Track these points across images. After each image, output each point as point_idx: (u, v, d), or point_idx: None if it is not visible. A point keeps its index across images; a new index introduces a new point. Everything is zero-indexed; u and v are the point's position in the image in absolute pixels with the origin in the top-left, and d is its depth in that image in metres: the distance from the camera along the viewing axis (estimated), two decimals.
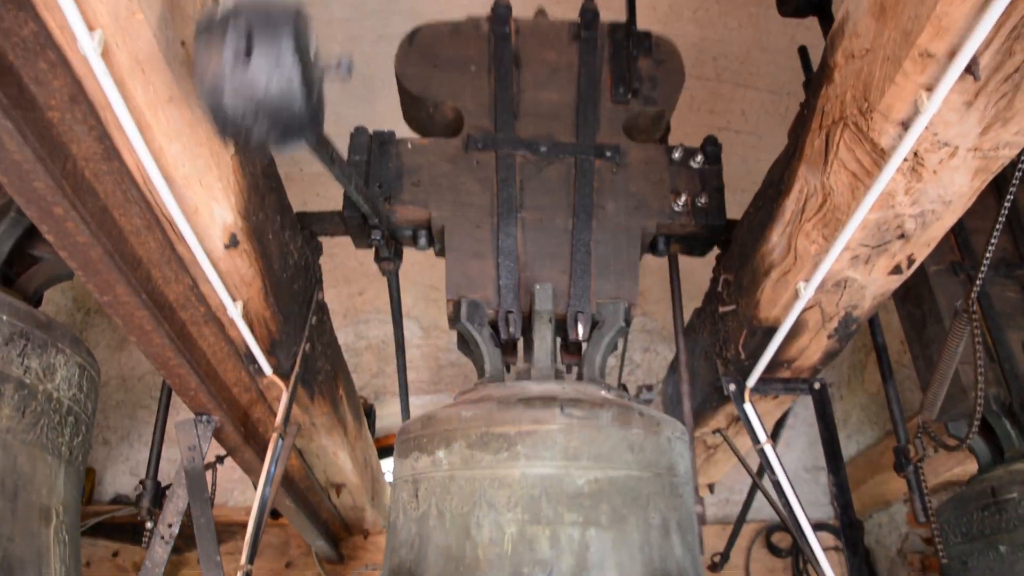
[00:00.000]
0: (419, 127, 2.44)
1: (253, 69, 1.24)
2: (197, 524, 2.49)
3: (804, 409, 4.73)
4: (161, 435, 3.17)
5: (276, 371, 2.61)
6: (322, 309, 2.89)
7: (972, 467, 3.44)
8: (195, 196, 1.88)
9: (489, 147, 2.15)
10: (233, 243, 2.07)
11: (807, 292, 2.26)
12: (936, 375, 2.52)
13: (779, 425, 3.55)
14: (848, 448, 5.79)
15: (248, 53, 1.24)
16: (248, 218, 2.09)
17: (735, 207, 2.74)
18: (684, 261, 3.24)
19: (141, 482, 3.08)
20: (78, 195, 1.69)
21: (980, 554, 3.01)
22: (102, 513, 4.96)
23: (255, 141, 1.32)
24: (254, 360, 2.52)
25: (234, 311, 2.24)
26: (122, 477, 5.48)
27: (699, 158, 2.51)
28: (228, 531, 4.44)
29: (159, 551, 2.55)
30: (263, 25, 1.26)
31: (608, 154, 2.21)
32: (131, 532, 4.93)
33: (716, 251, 2.95)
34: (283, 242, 2.43)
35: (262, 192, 2.19)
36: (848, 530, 2.79)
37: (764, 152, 5.23)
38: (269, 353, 2.55)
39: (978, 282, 2.33)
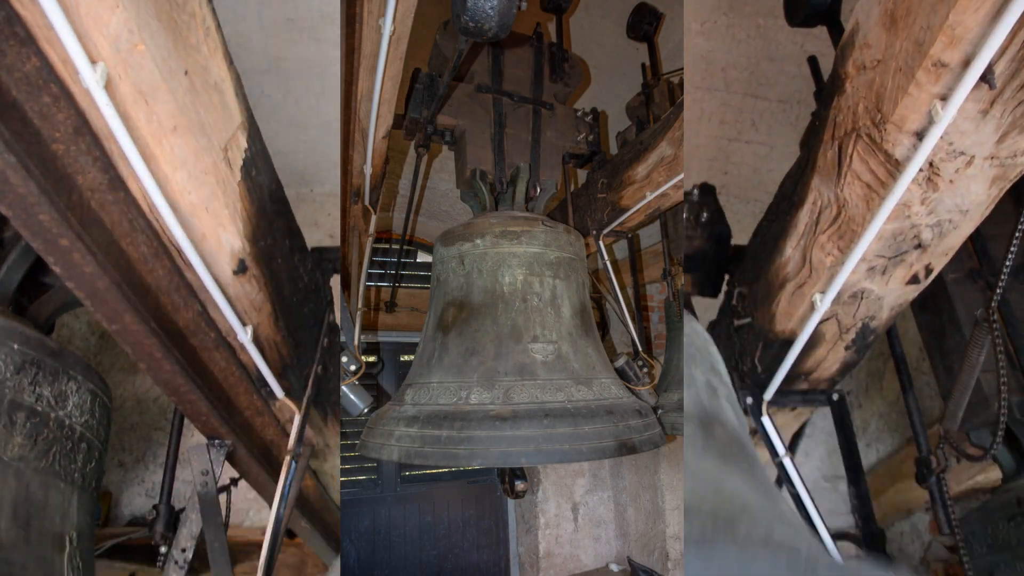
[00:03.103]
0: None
1: None
2: (211, 549, 2.48)
3: (823, 418, 4.67)
4: (174, 459, 3.14)
5: (288, 394, 2.59)
6: (333, 331, 2.88)
7: (996, 474, 3.36)
8: (202, 223, 1.86)
9: (488, 92, 3.34)
10: (241, 269, 2.06)
11: (823, 304, 2.22)
12: (957, 385, 2.47)
13: (797, 436, 3.50)
14: (868, 456, 5.73)
15: None
16: (256, 243, 2.08)
17: (748, 217, 2.74)
18: None
19: (155, 507, 3.06)
20: (84, 226, 1.68)
21: (1007, 565, 2.93)
22: (118, 536, 4.94)
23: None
24: (266, 384, 2.50)
25: (244, 336, 2.23)
26: (138, 499, 5.49)
27: (589, 119, 3.63)
28: (244, 551, 4.39)
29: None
30: None
31: (547, 106, 3.48)
32: (148, 554, 4.87)
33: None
34: (292, 266, 2.41)
35: (270, 217, 2.17)
36: (870, 540, 2.74)
37: (775, 162, 5.21)
38: (281, 376, 2.53)
39: (999, 290, 2.28)
